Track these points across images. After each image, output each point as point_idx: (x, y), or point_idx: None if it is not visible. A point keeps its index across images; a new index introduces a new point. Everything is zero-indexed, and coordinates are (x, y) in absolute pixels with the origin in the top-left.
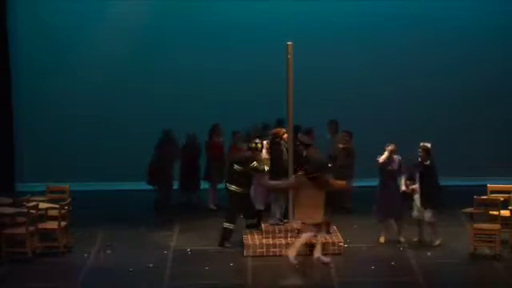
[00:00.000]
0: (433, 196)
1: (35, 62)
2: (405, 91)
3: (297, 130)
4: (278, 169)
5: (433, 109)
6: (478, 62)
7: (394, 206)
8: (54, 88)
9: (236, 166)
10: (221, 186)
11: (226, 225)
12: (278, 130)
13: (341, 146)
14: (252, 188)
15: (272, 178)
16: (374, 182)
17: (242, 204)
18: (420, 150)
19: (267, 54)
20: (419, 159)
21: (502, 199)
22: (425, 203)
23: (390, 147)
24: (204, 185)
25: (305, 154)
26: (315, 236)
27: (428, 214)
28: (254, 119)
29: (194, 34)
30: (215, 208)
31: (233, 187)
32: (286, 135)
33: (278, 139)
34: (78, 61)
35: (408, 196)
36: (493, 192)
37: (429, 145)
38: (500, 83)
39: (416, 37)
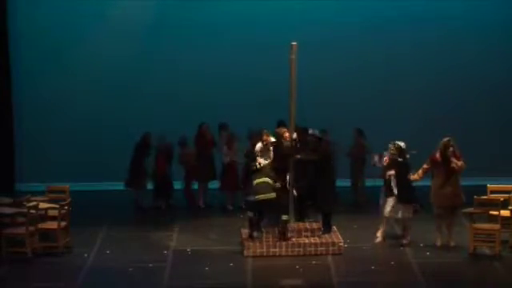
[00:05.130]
0: (406, 192)
1: (35, 63)
2: (406, 91)
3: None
4: (278, 168)
5: (433, 109)
6: (478, 63)
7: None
8: (54, 88)
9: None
10: (214, 185)
11: (284, 217)
12: (279, 129)
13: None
14: None
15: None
16: (380, 182)
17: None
18: (392, 147)
19: (270, 54)
20: (389, 156)
21: (501, 199)
22: (401, 200)
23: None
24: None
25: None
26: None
27: (405, 212)
28: (254, 119)
29: (195, 33)
30: (203, 206)
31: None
32: (287, 134)
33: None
34: (78, 61)
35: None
36: (493, 192)
37: (402, 143)
38: (500, 83)
39: (417, 37)
